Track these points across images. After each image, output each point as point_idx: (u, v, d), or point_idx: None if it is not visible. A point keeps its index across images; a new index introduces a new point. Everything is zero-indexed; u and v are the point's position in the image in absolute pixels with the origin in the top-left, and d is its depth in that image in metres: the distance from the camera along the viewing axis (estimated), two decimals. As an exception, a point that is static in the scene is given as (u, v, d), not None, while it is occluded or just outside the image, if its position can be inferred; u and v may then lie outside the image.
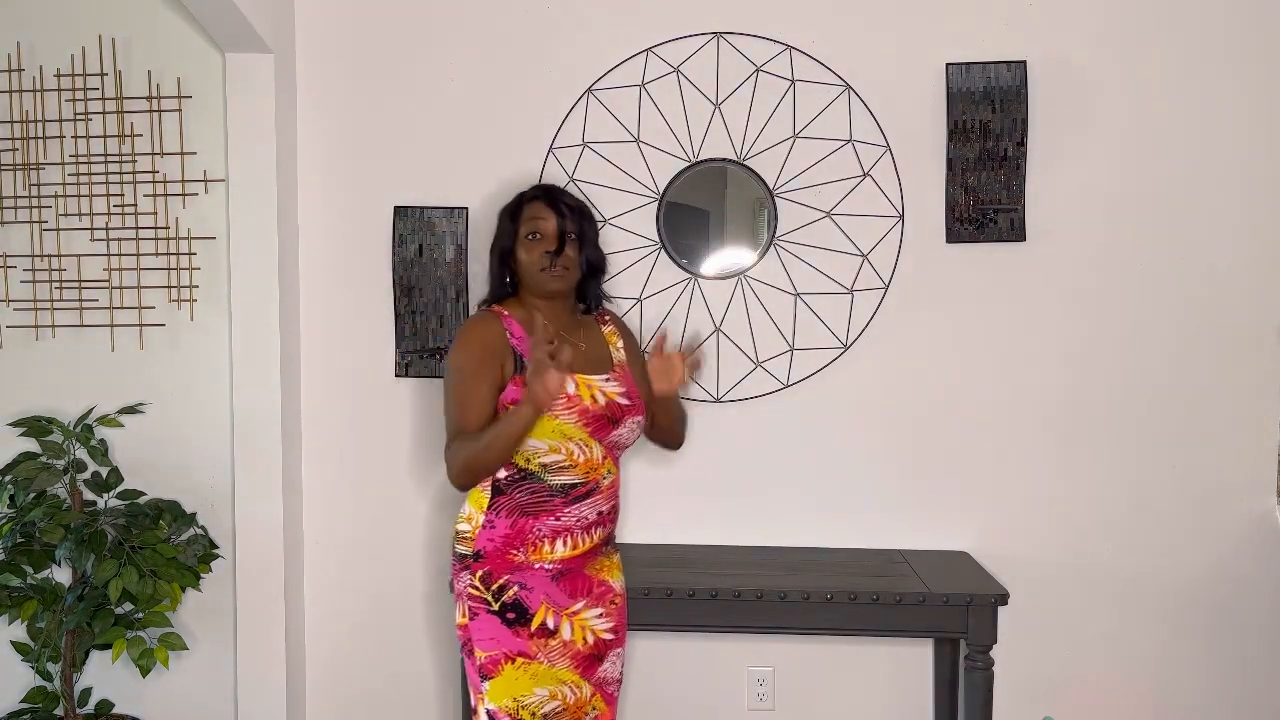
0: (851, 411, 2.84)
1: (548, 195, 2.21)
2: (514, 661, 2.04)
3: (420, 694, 2.95)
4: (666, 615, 2.50)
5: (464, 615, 2.10)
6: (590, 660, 2.12)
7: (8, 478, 2.70)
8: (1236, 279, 2.75)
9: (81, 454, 2.80)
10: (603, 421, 2.10)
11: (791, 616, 2.47)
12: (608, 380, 2.14)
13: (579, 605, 2.12)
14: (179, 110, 2.86)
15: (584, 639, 2.11)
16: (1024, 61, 2.73)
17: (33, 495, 2.68)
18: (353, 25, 2.89)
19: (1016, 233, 2.76)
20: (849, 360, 2.83)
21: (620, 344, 2.28)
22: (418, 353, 2.88)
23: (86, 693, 2.90)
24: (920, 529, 2.84)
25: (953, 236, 2.78)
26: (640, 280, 2.85)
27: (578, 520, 2.10)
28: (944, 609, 2.43)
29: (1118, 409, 2.79)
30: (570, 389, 2.06)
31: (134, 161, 2.88)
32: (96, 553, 2.59)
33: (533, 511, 2.07)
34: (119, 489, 2.81)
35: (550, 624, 2.07)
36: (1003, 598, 2.43)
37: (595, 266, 2.24)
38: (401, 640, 2.94)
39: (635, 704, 2.91)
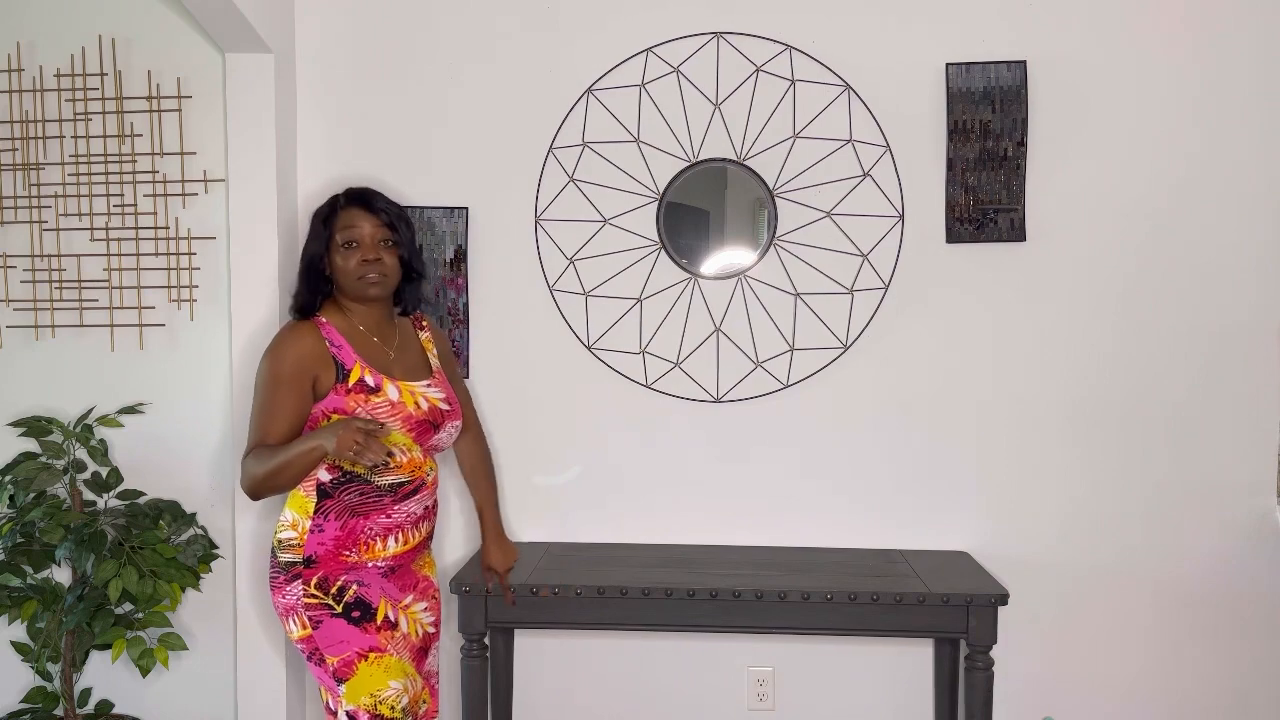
0: (851, 411, 2.84)
1: (362, 200, 2.21)
2: (367, 658, 2.07)
3: (420, 694, 2.95)
4: (666, 615, 2.50)
5: (304, 627, 2.09)
6: (420, 653, 2.21)
7: (8, 478, 2.70)
8: (1236, 279, 2.75)
9: (81, 454, 2.80)
10: (425, 426, 2.16)
11: (791, 616, 2.47)
12: (429, 386, 2.20)
13: (409, 599, 2.20)
14: (179, 110, 2.86)
15: (416, 632, 2.20)
16: (1024, 61, 2.73)
17: (33, 495, 2.68)
18: (353, 25, 2.89)
19: (1016, 233, 2.76)
20: (849, 360, 2.83)
21: (435, 350, 2.34)
22: (418, 353, 2.88)
23: (86, 693, 2.90)
24: (920, 529, 2.84)
25: (953, 236, 2.78)
26: (640, 280, 2.85)
27: (407, 516, 2.15)
28: (944, 609, 2.43)
29: (1117, 409, 2.79)
30: (394, 395, 2.11)
31: (134, 161, 2.88)
32: (96, 553, 2.59)
33: (363, 511, 2.10)
34: (119, 489, 2.81)
35: (391, 617, 2.12)
36: (1003, 598, 2.43)
37: (413, 271, 2.27)
38: (401, 640, 2.94)
39: (636, 704, 2.91)
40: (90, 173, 2.89)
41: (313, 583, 2.08)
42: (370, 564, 2.12)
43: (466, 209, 2.86)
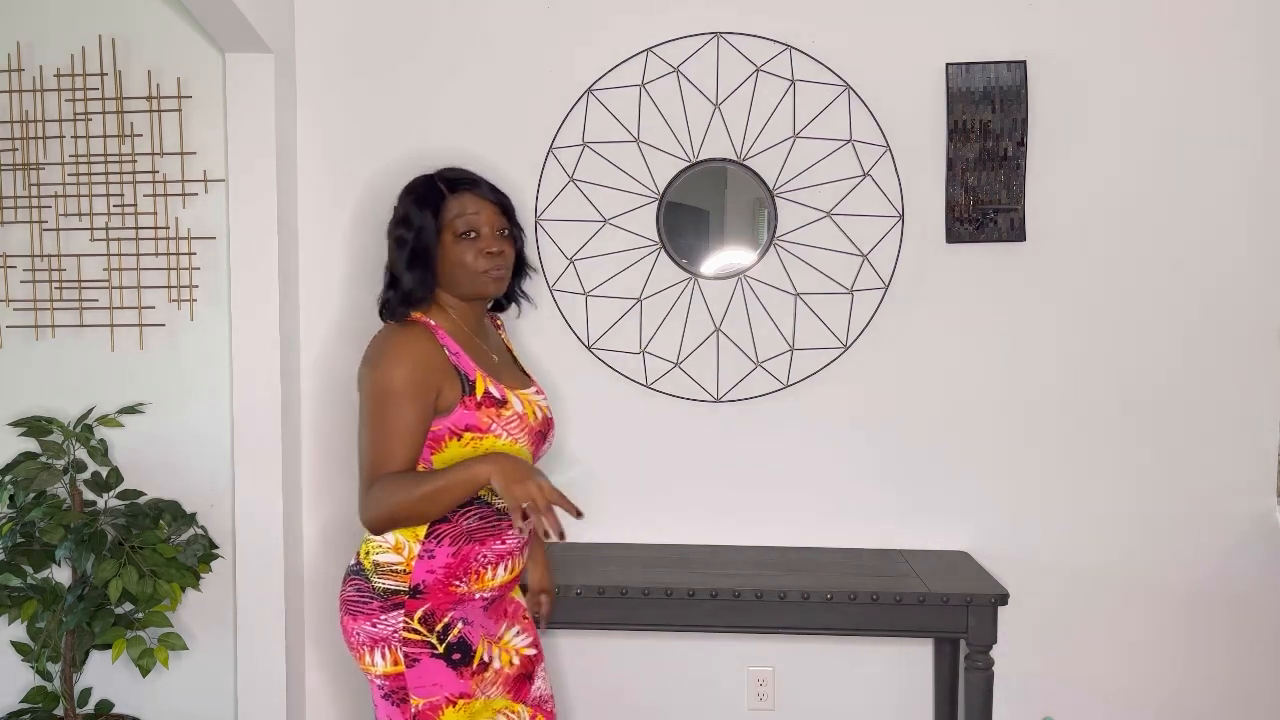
0: (851, 411, 2.84)
1: (476, 184, 1.95)
2: (455, 705, 1.85)
3: (420, 694, 2.95)
4: (666, 615, 2.50)
5: (395, 663, 1.85)
6: (520, 681, 1.98)
7: (8, 478, 2.70)
8: (1236, 279, 2.75)
9: (81, 454, 2.80)
10: (539, 436, 1.96)
11: (791, 616, 2.47)
12: (537, 393, 2.02)
13: (503, 628, 1.98)
14: (179, 110, 2.87)
15: (510, 662, 1.96)
16: (1024, 61, 2.73)
17: (33, 495, 2.68)
18: (353, 25, 2.89)
19: (1016, 233, 2.76)
20: (849, 360, 2.83)
21: (515, 348, 2.17)
22: (418, 353, 2.88)
23: (86, 693, 2.90)
24: (920, 529, 2.84)
25: (953, 236, 2.78)
26: (640, 280, 2.85)
27: (518, 542, 1.94)
28: (944, 609, 2.43)
29: (1117, 409, 2.79)
30: (519, 408, 1.90)
31: (134, 161, 2.88)
32: (96, 553, 2.59)
33: (479, 538, 1.87)
34: (119, 489, 2.81)
35: (485, 658, 1.90)
36: (1003, 598, 2.43)
37: (523, 262, 2.03)
38: (401, 640, 2.94)
39: (635, 704, 2.91)
40: (90, 173, 2.89)
41: (416, 616, 1.84)
42: (478, 594, 1.89)
43: (466, 209, 2.86)
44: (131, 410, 2.86)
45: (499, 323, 2.14)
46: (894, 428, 2.83)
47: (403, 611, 1.85)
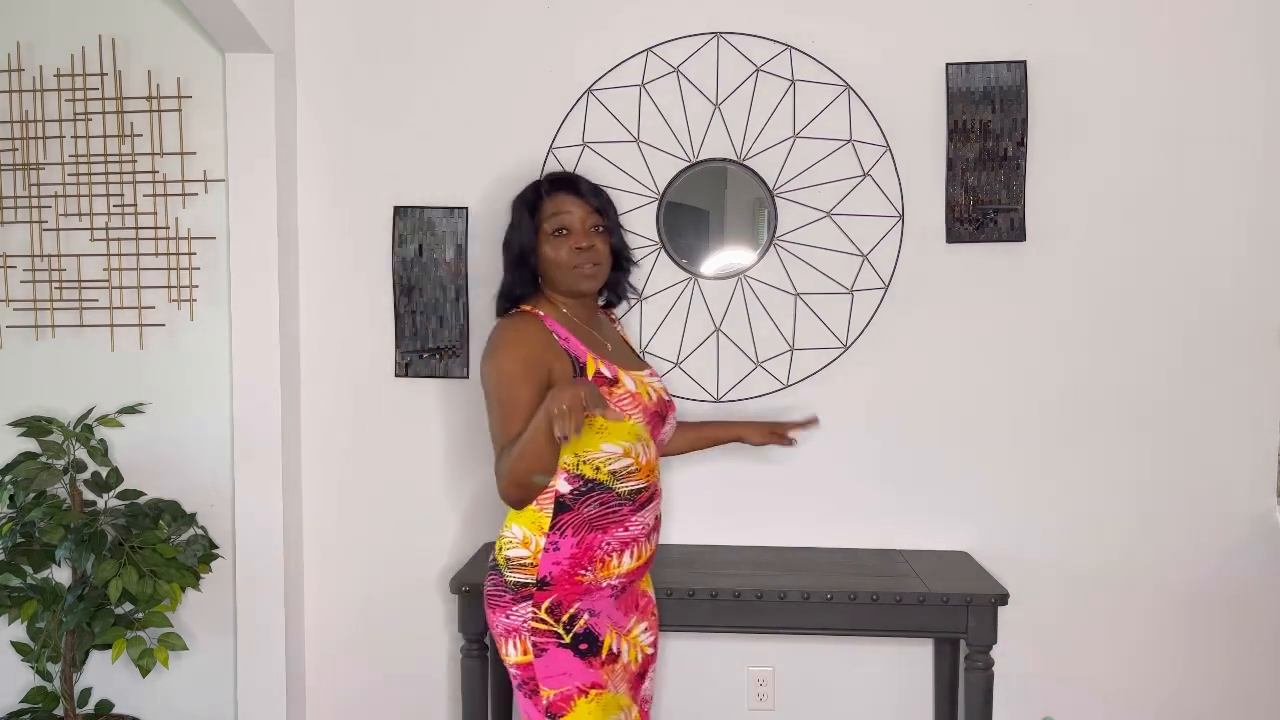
0: (851, 411, 2.84)
1: (571, 184, 2.06)
2: (587, 695, 1.91)
3: (419, 694, 2.95)
4: (667, 615, 2.48)
5: (525, 653, 1.92)
6: (637, 679, 2.04)
7: (8, 478, 2.70)
8: (1236, 279, 2.75)
9: (81, 454, 2.80)
10: (656, 419, 2.03)
11: (791, 616, 2.47)
12: (651, 375, 2.09)
13: (631, 622, 2.03)
14: (179, 110, 2.86)
15: (636, 658, 2.03)
16: (1024, 61, 2.73)
17: (33, 495, 2.68)
18: (353, 25, 2.89)
19: (1016, 233, 2.76)
20: (849, 360, 2.83)
21: (630, 340, 2.25)
22: (417, 352, 2.88)
23: (86, 693, 2.90)
24: (920, 529, 2.84)
25: (953, 236, 2.78)
26: (640, 280, 2.85)
27: (642, 528, 1.99)
28: (944, 609, 2.43)
29: (1117, 409, 2.79)
30: (631, 386, 1.98)
31: (134, 161, 2.88)
32: (96, 553, 2.59)
33: (602, 525, 1.94)
34: (119, 489, 2.81)
35: (615, 649, 1.96)
36: (1003, 598, 2.43)
37: (622, 257, 2.12)
38: (401, 640, 2.94)
39: (635, 704, 2.92)
40: (90, 173, 2.89)
41: (544, 607, 1.92)
42: (605, 583, 1.95)
43: (466, 209, 2.86)
44: (131, 410, 2.86)
45: (613, 317, 2.24)
46: (894, 428, 2.83)
47: (531, 603, 1.92)
